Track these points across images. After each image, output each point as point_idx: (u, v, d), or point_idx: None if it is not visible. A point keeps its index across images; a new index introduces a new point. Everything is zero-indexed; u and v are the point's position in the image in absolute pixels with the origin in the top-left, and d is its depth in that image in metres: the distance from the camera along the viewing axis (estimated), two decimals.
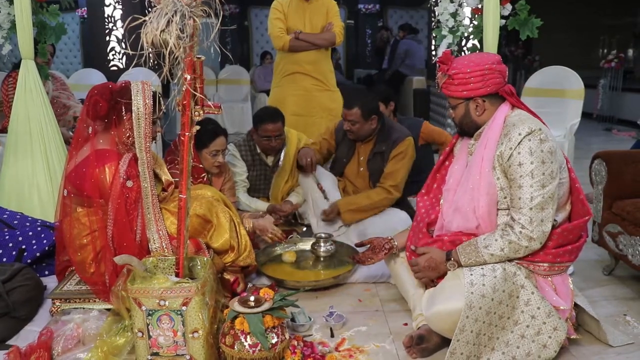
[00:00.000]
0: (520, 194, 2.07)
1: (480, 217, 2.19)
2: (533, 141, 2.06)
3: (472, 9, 3.29)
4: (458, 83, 2.19)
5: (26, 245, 2.89)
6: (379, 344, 2.34)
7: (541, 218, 2.06)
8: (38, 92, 3.50)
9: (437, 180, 2.52)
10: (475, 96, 2.19)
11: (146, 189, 2.34)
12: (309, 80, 4.34)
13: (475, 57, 2.21)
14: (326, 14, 4.36)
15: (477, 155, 2.22)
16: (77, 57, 11.01)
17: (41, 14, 3.56)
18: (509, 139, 2.10)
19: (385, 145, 3.35)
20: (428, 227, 2.44)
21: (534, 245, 2.08)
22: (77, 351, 2.20)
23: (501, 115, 2.20)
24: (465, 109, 2.25)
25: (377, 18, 12.62)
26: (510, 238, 2.08)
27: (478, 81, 2.16)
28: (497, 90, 2.19)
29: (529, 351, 2.07)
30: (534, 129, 2.08)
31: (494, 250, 2.09)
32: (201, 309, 1.98)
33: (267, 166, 3.72)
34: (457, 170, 2.36)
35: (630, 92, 8.98)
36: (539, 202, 2.05)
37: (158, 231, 2.37)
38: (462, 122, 2.30)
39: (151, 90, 2.37)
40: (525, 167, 2.06)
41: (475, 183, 2.20)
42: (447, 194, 2.38)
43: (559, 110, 4.75)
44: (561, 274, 2.21)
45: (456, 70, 2.19)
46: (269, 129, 3.51)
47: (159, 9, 1.74)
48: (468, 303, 2.00)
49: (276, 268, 3.04)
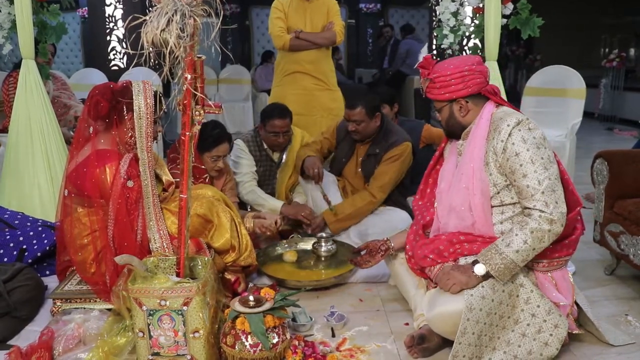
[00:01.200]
0: (527, 181, 2.05)
1: (476, 215, 2.19)
2: (523, 130, 2.08)
3: (473, 8, 3.28)
4: (440, 86, 2.21)
5: (27, 245, 2.89)
6: (380, 343, 2.33)
7: (555, 199, 2.03)
8: (39, 92, 3.50)
9: (429, 185, 2.53)
10: (457, 97, 2.21)
11: (147, 189, 2.33)
12: (310, 79, 4.33)
13: (454, 60, 2.23)
14: (327, 13, 4.36)
15: (467, 153, 2.22)
16: (78, 56, 11.00)
17: (42, 14, 3.56)
18: (498, 133, 2.11)
19: (380, 148, 3.33)
20: (424, 229, 2.45)
21: (556, 228, 2.02)
22: (78, 351, 2.20)
23: (487, 113, 2.21)
24: (449, 111, 2.27)
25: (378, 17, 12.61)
26: (532, 226, 2.02)
27: (458, 83, 2.17)
28: (479, 90, 2.20)
29: (530, 349, 2.07)
30: (521, 119, 2.10)
31: (518, 245, 2.03)
32: (202, 308, 1.98)
33: (272, 162, 3.74)
34: (448, 171, 2.37)
35: (631, 92, 8.97)
36: (548, 185, 2.02)
37: (159, 231, 2.37)
38: (448, 124, 2.31)
39: (152, 89, 2.37)
40: (523, 155, 2.05)
41: (467, 182, 2.20)
42: (440, 196, 2.38)
43: (560, 109, 4.75)
44: (561, 269, 2.21)
45: (437, 74, 2.21)
46: (277, 124, 3.53)
47: (159, 8, 1.74)
48: (468, 305, 2.00)
49: (277, 268, 3.04)
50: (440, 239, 2.28)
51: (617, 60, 8.89)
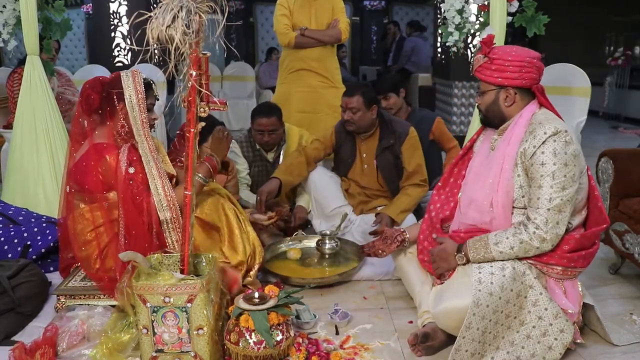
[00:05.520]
0: (540, 194, 2.05)
1: (496, 212, 2.18)
2: (558, 142, 2.04)
3: (478, 6, 3.27)
4: (495, 69, 2.16)
5: (31, 241, 2.90)
6: (384, 341, 2.33)
7: (557, 220, 2.04)
8: (43, 88, 3.50)
9: (454, 175, 2.50)
10: (508, 86, 2.17)
11: (151, 172, 2.33)
12: (315, 77, 4.33)
13: (517, 48, 2.19)
14: (332, 11, 4.35)
15: (500, 151, 2.20)
16: (83, 53, 11.03)
17: (46, 10, 3.56)
18: (533, 137, 2.08)
19: (393, 139, 3.33)
20: (442, 223, 2.43)
21: (545, 246, 2.06)
22: (82, 347, 2.20)
23: (528, 113, 2.17)
24: (495, 96, 2.22)
25: (383, 15, 12.60)
26: (522, 237, 2.06)
27: (515, 71, 2.13)
28: (531, 85, 2.17)
29: (533, 352, 2.06)
30: (560, 129, 2.06)
31: (504, 248, 2.08)
32: (206, 305, 1.98)
33: (267, 162, 3.73)
34: (478, 163, 2.34)
35: (637, 90, 8.92)
36: (557, 204, 2.02)
37: (171, 212, 2.35)
38: (488, 110, 2.27)
39: (142, 77, 2.37)
40: (548, 167, 2.03)
41: (494, 178, 2.18)
42: (465, 187, 2.36)
43: (565, 108, 4.68)
44: (572, 279, 2.19)
45: (497, 55, 2.16)
46: (262, 123, 3.55)
47: (164, 4, 1.74)
48: (475, 300, 1.99)
49: (281, 265, 3.04)
50: (459, 236, 2.27)
51: (623, 59, 8.86)
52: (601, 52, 10.78)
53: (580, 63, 4.81)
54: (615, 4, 10.48)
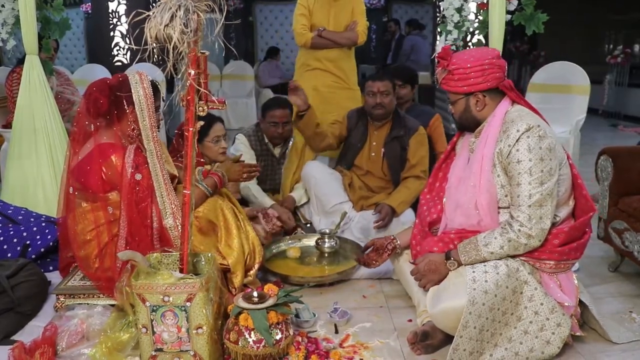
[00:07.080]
0: (519, 191, 2.07)
1: (482, 213, 2.19)
2: (532, 138, 2.06)
3: (477, 4, 3.26)
4: (458, 78, 2.18)
5: (30, 240, 2.90)
6: (384, 340, 2.33)
7: (540, 215, 2.05)
8: (42, 88, 3.50)
9: (439, 179, 2.52)
10: (475, 91, 2.18)
11: (157, 177, 2.32)
12: (330, 77, 4.30)
13: (475, 52, 2.20)
14: (352, 12, 4.31)
15: (478, 153, 2.21)
16: (82, 52, 11.01)
17: (45, 9, 3.56)
18: (507, 136, 2.10)
19: (403, 131, 3.42)
20: (430, 226, 2.44)
21: (532, 242, 2.08)
22: (82, 347, 2.20)
23: (501, 112, 2.19)
24: (465, 104, 2.24)
25: (382, 13, 12.58)
26: (510, 236, 2.08)
27: (478, 76, 2.15)
28: (497, 84, 2.18)
29: (532, 347, 2.07)
30: (532, 125, 2.07)
31: (494, 248, 2.09)
32: (205, 304, 1.98)
33: (273, 157, 3.74)
34: (459, 167, 2.36)
35: (636, 88, 8.92)
36: (538, 200, 2.04)
37: (175, 219, 2.35)
38: (462, 118, 2.29)
39: (148, 79, 2.37)
40: (524, 164, 2.05)
41: (476, 181, 2.20)
42: (449, 192, 2.38)
43: (564, 106, 4.72)
44: (566, 272, 2.20)
45: (456, 65, 2.17)
46: (277, 114, 3.57)
47: (162, 3, 1.74)
48: (471, 299, 2.00)
49: (280, 264, 3.04)
50: (449, 237, 2.28)
51: (622, 57, 8.85)
52: (600, 50, 10.79)
53: (580, 61, 4.82)
54: (615, 2, 10.49)
